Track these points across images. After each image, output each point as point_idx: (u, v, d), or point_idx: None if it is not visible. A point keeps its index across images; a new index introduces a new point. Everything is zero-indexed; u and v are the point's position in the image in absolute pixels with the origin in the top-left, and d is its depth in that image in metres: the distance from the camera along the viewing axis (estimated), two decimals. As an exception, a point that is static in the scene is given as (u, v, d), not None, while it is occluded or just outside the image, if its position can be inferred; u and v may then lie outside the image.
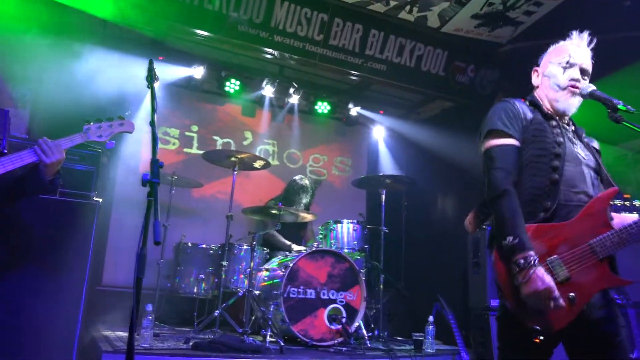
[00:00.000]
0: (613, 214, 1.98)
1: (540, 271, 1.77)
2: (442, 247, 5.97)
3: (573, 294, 1.80)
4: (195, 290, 4.96)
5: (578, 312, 1.81)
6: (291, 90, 6.41)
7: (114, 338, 3.91)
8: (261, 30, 5.15)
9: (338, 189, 7.26)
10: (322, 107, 6.76)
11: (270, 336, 4.05)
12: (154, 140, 1.96)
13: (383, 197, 5.28)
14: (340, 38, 5.46)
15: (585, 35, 2.17)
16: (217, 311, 4.29)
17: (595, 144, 2.22)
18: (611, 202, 1.97)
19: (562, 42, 2.20)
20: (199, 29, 5.00)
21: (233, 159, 4.74)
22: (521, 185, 1.97)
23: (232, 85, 6.26)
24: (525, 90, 2.31)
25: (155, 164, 1.88)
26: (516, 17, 5.44)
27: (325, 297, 4.31)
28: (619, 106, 1.92)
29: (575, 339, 1.91)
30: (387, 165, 7.20)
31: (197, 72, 6.08)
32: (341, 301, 4.35)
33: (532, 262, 1.77)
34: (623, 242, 1.84)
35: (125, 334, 4.08)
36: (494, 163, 1.98)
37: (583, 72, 2.12)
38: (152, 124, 2.03)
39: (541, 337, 1.79)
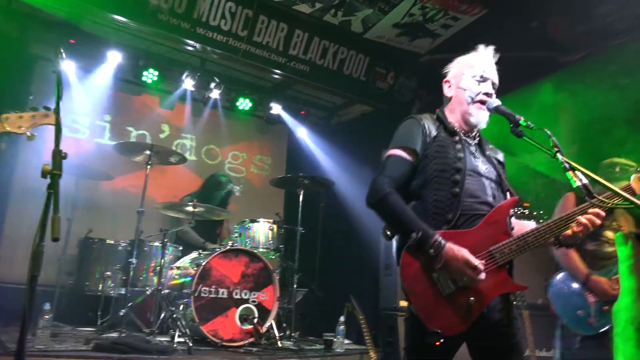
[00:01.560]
0: (514, 221, 2.12)
1: (450, 246, 1.86)
2: (357, 249, 6.08)
3: (473, 299, 1.89)
4: (100, 288, 4.69)
5: (477, 315, 1.90)
6: (212, 84, 6.26)
7: (5, 339, 3.64)
8: (183, 21, 4.98)
9: (256, 187, 7.19)
10: (244, 103, 6.65)
11: (179, 336, 3.94)
12: (58, 129, 1.84)
13: (301, 197, 5.28)
14: (264, 35, 5.40)
15: (491, 49, 2.27)
16: (123, 310, 4.12)
17: (500, 156, 2.34)
18: (511, 211, 2.10)
19: (470, 55, 2.28)
20: (118, 15, 4.74)
21: (147, 152, 4.56)
22: (425, 200, 2.03)
23: (150, 76, 5.99)
24: (441, 100, 2.40)
25: (57, 155, 1.76)
26: (435, 29, 5.66)
27: (238, 296, 4.24)
28: (521, 121, 2.02)
29: (476, 340, 2.00)
30: (307, 166, 7.20)
31: (113, 58, 5.76)
32: (254, 301, 4.30)
33: (441, 244, 1.86)
34: (521, 249, 1.95)
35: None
36: (382, 170, 2.06)
37: (493, 86, 2.22)
38: (56, 111, 1.90)
39: (442, 340, 1.87)
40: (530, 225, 2.06)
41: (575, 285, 3.19)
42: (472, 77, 2.20)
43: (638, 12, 4.26)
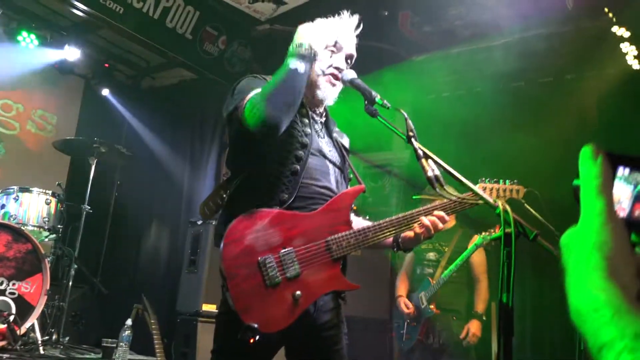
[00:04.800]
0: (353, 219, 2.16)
1: None
2: (157, 238, 5.96)
3: (299, 293, 1.88)
4: None
5: (301, 312, 1.89)
6: (-14, 6, 5.56)
7: None
8: None
9: (32, 150, 6.62)
10: (28, 40, 6.02)
11: None
12: None
13: (93, 168, 5.04)
14: (69, -46, 4.91)
15: (355, 18, 2.29)
16: None
17: (346, 141, 2.40)
18: (353, 204, 2.14)
19: (328, 21, 2.26)
20: None
21: None
22: (261, 174, 2.02)
23: None
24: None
25: None
26: (281, -6, 5.71)
27: None
28: (377, 99, 2.08)
29: (296, 341, 2.01)
30: (104, 133, 6.75)
31: None
32: (12, 293, 3.99)
33: None
34: (359, 243, 1.99)
35: None
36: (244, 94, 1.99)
37: (348, 58, 2.25)
38: None
39: (257, 337, 1.82)
40: (368, 223, 2.13)
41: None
42: (324, 47, 2.20)
43: (482, 19, 4.80)
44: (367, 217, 2.33)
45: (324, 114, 2.30)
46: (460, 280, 4.10)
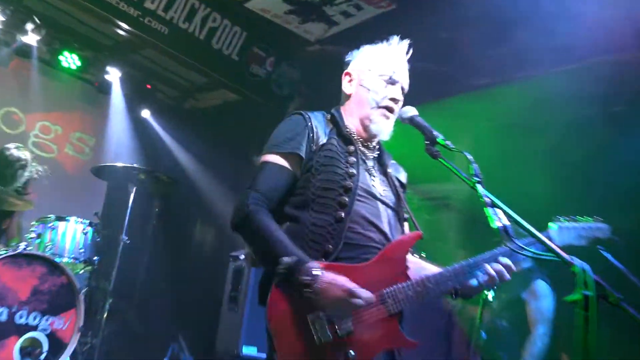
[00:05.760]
0: (411, 259, 2.10)
1: (327, 274, 1.80)
2: (196, 273, 5.98)
3: (353, 352, 1.83)
4: None
5: (355, 374, 1.87)
6: (30, 25, 5.73)
7: None
8: None
9: (70, 174, 6.82)
10: (70, 60, 6.24)
11: None
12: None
13: (131, 196, 5.10)
14: (115, -26, 5.10)
15: (406, 45, 2.25)
16: None
17: (402, 176, 2.35)
18: (411, 249, 2.10)
19: (380, 47, 2.26)
20: None
21: None
22: (302, 224, 1.99)
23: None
24: (325, 100, 2.35)
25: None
26: (332, 14, 5.72)
27: (23, 320, 3.95)
28: (438, 139, 2.03)
29: None
30: (144, 156, 6.91)
31: None
32: (45, 329, 4.03)
33: (317, 272, 1.79)
34: (418, 296, 1.93)
35: None
36: (253, 182, 2.02)
37: (402, 91, 2.22)
38: None
39: None
40: (431, 268, 2.08)
41: None
42: (379, 76, 2.18)
43: (555, 44, 4.68)
44: (423, 255, 2.28)
45: (378, 148, 2.27)
46: None
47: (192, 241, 6.27)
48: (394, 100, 2.17)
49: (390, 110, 2.17)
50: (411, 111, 2.17)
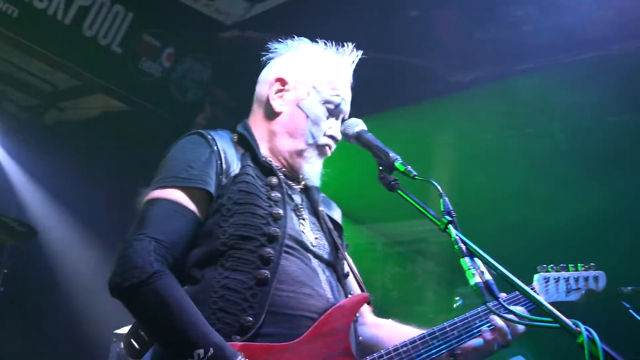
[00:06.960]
0: (378, 322, 2.12)
1: None
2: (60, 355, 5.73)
3: None
4: None
5: None
6: None
7: None
8: None
9: None
10: None
11: None
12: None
13: None
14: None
15: (356, 57, 2.33)
16: None
17: (337, 214, 2.35)
18: (357, 316, 2.10)
19: (326, 56, 2.32)
20: None
21: None
22: (206, 288, 1.94)
23: None
24: (248, 108, 2.30)
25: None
26: (258, -12, 5.53)
27: None
28: (396, 164, 2.02)
29: None
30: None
31: None
32: None
33: None
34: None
35: None
36: (141, 227, 1.91)
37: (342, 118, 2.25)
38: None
39: None
40: (407, 332, 2.07)
41: None
42: (323, 102, 2.21)
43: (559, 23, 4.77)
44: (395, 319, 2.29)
45: (304, 179, 2.29)
46: None
47: (58, 313, 6.16)
48: (333, 138, 2.19)
49: (329, 149, 2.19)
50: (358, 125, 2.15)
